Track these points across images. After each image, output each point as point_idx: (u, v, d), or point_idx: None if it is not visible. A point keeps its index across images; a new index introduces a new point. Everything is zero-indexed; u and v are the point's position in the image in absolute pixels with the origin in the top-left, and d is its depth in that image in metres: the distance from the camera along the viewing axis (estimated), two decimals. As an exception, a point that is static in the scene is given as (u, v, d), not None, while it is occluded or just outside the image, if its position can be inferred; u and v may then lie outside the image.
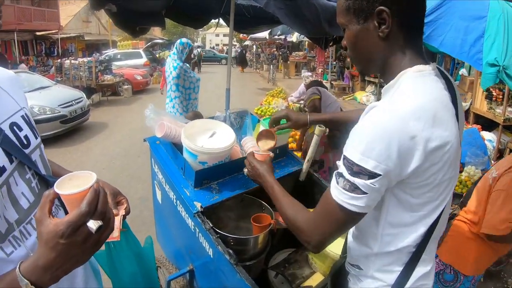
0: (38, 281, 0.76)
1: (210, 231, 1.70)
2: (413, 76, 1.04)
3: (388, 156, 0.93)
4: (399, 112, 0.95)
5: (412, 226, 1.11)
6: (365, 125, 0.98)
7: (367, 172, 0.95)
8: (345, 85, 15.06)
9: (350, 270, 1.35)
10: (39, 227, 0.75)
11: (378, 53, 1.10)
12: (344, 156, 1.00)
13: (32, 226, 0.99)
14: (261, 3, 2.31)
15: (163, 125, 2.03)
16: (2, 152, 0.90)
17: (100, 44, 25.41)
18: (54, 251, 0.74)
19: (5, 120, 0.96)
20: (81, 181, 0.79)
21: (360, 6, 1.06)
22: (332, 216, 1.06)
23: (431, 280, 1.24)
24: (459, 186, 4.95)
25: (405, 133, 0.92)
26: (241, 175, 2.11)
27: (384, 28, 1.04)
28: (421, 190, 1.04)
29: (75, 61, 12.33)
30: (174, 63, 4.27)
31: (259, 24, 4.70)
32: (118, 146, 7.66)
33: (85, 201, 0.74)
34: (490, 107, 6.43)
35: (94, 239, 0.77)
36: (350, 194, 0.98)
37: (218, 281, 1.82)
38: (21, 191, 0.97)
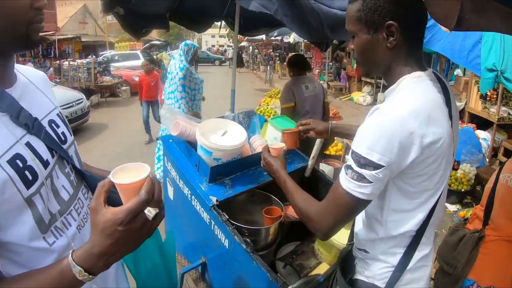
0: (91, 268, 0.79)
1: (226, 222, 1.82)
2: (411, 81, 1.19)
3: (390, 150, 1.08)
4: (399, 113, 1.10)
5: (412, 212, 1.26)
6: (370, 124, 1.13)
7: (373, 164, 1.09)
8: (342, 85, 15.20)
9: (357, 255, 1.48)
10: (94, 216, 0.78)
11: (384, 60, 1.25)
12: (352, 151, 1.14)
13: (72, 217, 1.04)
14: (271, 10, 2.42)
15: (178, 124, 2.14)
16: (45, 147, 0.96)
17: (97, 45, 25.40)
18: (111, 238, 0.77)
19: (44, 117, 1.02)
20: (133, 172, 0.83)
21: (372, 19, 1.18)
22: (341, 204, 1.19)
23: (430, 261, 1.40)
24: (455, 183, 5.10)
25: (404, 131, 1.08)
26: (251, 171, 2.23)
27: (392, 40, 1.18)
28: (417, 179, 1.19)
29: (74, 63, 12.37)
30: (180, 64, 4.37)
31: (261, 27, 4.81)
32: (118, 147, 7.74)
33: (144, 190, 0.78)
34: (485, 106, 6.58)
35: (149, 226, 0.81)
36: (357, 183, 1.13)
37: (231, 272, 1.93)
38: (61, 184, 1.02)
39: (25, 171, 0.86)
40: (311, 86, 4.17)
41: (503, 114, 6.21)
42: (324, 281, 1.81)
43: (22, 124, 0.90)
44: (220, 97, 12.75)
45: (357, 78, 14.16)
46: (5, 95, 0.88)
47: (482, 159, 5.63)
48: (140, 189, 0.79)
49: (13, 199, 0.83)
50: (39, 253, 0.92)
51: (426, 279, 1.40)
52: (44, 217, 0.92)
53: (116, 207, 0.77)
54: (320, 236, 1.32)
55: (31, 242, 0.89)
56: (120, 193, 0.81)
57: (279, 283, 1.58)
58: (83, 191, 1.14)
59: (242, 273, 1.85)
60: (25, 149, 0.88)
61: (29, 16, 0.87)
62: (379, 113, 1.15)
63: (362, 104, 12.56)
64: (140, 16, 3.58)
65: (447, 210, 5.00)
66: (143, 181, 0.80)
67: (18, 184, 0.84)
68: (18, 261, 0.88)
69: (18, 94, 0.94)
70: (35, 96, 1.04)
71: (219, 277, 2.12)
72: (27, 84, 1.03)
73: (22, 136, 0.89)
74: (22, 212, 0.86)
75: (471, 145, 5.63)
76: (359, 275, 1.47)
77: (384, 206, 1.29)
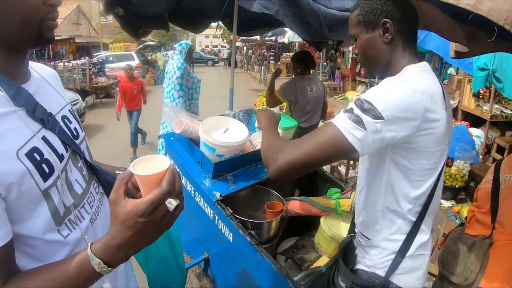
0: (110, 260, 0.80)
1: (230, 216, 1.87)
2: (417, 70, 1.29)
3: (394, 108, 1.13)
4: (409, 84, 1.18)
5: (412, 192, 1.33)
6: (381, 85, 1.22)
7: (374, 111, 1.12)
8: (336, 85, 15.28)
9: (360, 241, 1.55)
10: (114, 208, 0.78)
11: (383, 55, 1.38)
12: (358, 98, 1.19)
13: (85, 210, 1.06)
14: (272, 11, 2.48)
15: (181, 122, 2.19)
16: (59, 141, 0.98)
17: (91, 46, 25.29)
18: (132, 230, 0.77)
19: (57, 112, 1.04)
20: (152, 164, 0.83)
21: (369, 19, 1.35)
22: (325, 137, 1.18)
23: (428, 250, 1.47)
24: (449, 179, 5.19)
25: (412, 98, 1.15)
26: (252, 167, 2.29)
27: (387, 35, 1.33)
28: (414, 155, 1.26)
29: (68, 64, 12.32)
30: (178, 63, 4.41)
31: (258, 27, 4.85)
32: (115, 148, 7.73)
33: (166, 181, 0.78)
34: (478, 104, 6.68)
35: (169, 217, 0.81)
36: (354, 124, 1.13)
37: (235, 265, 1.99)
38: (75, 178, 1.03)
39: (42, 164, 0.88)
40: (315, 87, 4.14)
41: (496, 112, 6.30)
42: (325, 271, 1.86)
43: (38, 118, 0.92)
44: (216, 97, 12.79)
45: (351, 78, 14.26)
46: (21, 90, 0.90)
47: (475, 156, 5.72)
48: (161, 181, 0.79)
49: (31, 191, 0.85)
50: (54, 245, 0.93)
51: (424, 268, 1.47)
52: (59, 210, 0.94)
53: (137, 199, 0.78)
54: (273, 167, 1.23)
55: (46, 234, 0.90)
56: (140, 185, 0.82)
57: (283, 273, 1.64)
58: (94, 185, 1.16)
59: (246, 266, 1.90)
60: (41, 143, 0.90)
61: (42, 12, 0.87)
62: (391, 78, 1.25)
63: (356, 103, 12.62)
64: (139, 16, 3.62)
65: (442, 206, 5.08)
66: (164, 172, 0.80)
67: (35, 177, 0.86)
68: (32, 255, 0.90)
69: (33, 90, 0.96)
70: (48, 92, 1.06)
71: (222, 272, 2.17)
72: (40, 80, 1.05)
73: (38, 130, 0.91)
74: (39, 204, 0.88)
75: (464, 142, 5.72)
76: (360, 264, 1.53)
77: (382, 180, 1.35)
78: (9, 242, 0.80)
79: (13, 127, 0.85)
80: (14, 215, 0.83)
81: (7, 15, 0.83)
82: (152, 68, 19.42)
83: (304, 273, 2.01)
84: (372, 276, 1.46)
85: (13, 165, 0.81)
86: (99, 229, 1.11)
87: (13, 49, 0.91)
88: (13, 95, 0.87)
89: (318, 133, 1.21)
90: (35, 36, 0.89)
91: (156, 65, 19.56)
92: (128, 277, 1.31)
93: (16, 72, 0.93)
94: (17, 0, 0.84)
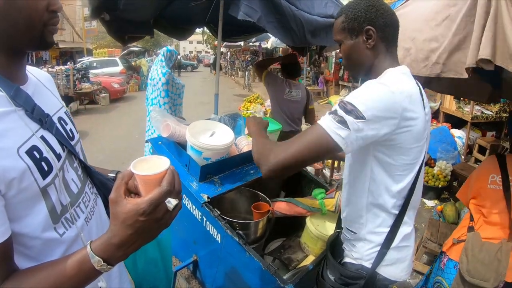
0: (110, 258, 0.82)
1: (218, 218, 1.91)
2: (397, 73, 1.39)
3: (375, 107, 1.23)
4: (389, 85, 1.27)
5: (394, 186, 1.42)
6: (363, 87, 1.31)
7: (356, 112, 1.22)
8: (320, 89, 15.40)
9: (346, 236, 1.62)
10: (114, 208, 0.80)
11: (366, 60, 1.48)
12: (341, 100, 1.29)
13: (81, 210, 1.09)
14: (254, 18, 2.51)
15: (168, 125, 2.22)
16: (57, 141, 1.01)
17: (74, 52, 25.07)
18: (132, 228, 0.78)
19: (54, 114, 1.07)
20: (151, 164, 0.84)
21: (353, 26, 1.45)
22: (313, 138, 1.26)
23: (412, 242, 1.57)
24: (432, 180, 5.30)
25: (391, 98, 1.25)
26: (239, 170, 2.33)
27: (370, 41, 1.43)
28: (395, 151, 1.35)
29: (52, 69, 12.14)
30: (162, 69, 4.40)
31: (242, 33, 4.90)
32: (101, 154, 7.67)
33: (166, 181, 0.80)
34: (459, 106, 6.85)
35: (168, 216, 0.83)
36: (338, 124, 1.22)
37: (223, 266, 2.02)
38: (71, 177, 1.06)
39: (41, 162, 0.91)
40: (295, 93, 4.17)
41: (477, 113, 6.48)
42: (313, 268, 1.91)
43: (36, 119, 0.95)
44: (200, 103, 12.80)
45: (334, 82, 14.39)
46: (20, 91, 0.93)
47: (457, 156, 5.86)
48: (161, 181, 0.80)
49: (30, 188, 0.87)
50: (50, 244, 0.95)
51: (409, 259, 1.56)
52: (56, 208, 0.96)
53: (137, 198, 0.80)
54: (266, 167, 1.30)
55: (43, 232, 0.92)
56: (140, 185, 0.82)
57: (271, 271, 1.68)
58: (88, 185, 1.19)
59: (234, 266, 1.93)
60: (40, 142, 0.93)
61: (45, 18, 0.91)
62: (372, 80, 1.33)
63: (340, 107, 12.78)
64: (125, 22, 3.63)
65: (426, 206, 5.19)
66: (164, 172, 0.81)
67: (35, 174, 0.88)
68: (29, 255, 0.91)
69: (31, 91, 0.99)
70: (44, 94, 1.09)
71: (211, 273, 2.19)
72: (37, 83, 1.08)
73: (37, 130, 0.94)
74: (37, 202, 0.90)
75: (446, 143, 5.86)
76: (347, 258, 1.61)
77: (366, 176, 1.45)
78: (7, 240, 0.82)
79: (13, 126, 0.88)
80: (12, 213, 0.85)
81: (13, 18, 0.87)
82: (136, 74, 19.31)
83: (292, 273, 2.06)
84: (359, 268, 1.53)
85: (14, 162, 0.84)
86: (93, 228, 1.14)
87: (15, 51, 0.94)
88: (13, 95, 0.90)
89: (306, 134, 1.30)
90: (37, 40, 0.93)
91: (140, 70, 19.45)
92: (122, 276, 1.33)
93: (15, 73, 0.96)
94: (23, 5, 0.87)
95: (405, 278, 1.57)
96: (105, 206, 1.28)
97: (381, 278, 1.51)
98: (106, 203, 1.28)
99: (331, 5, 3.05)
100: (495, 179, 2.38)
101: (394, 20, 1.46)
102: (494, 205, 2.34)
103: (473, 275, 2.20)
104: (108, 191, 1.27)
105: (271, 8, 2.64)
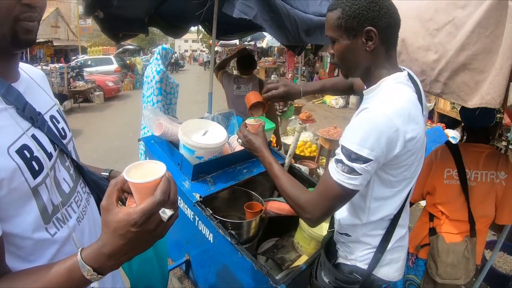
0: (101, 268, 0.78)
1: (210, 217, 1.89)
2: (392, 83, 1.31)
3: (378, 146, 1.19)
4: (385, 112, 1.20)
5: (391, 199, 1.40)
6: (360, 122, 1.23)
7: (363, 158, 1.20)
8: (315, 89, 15.38)
9: (339, 239, 1.60)
10: (106, 216, 0.76)
11: (364, 63, 1.35)
12: (343, 146, 1.24)
13: (72, 209, 1.06)
14: (250, 16, 2.50)
15: (161, 124, 2.20)
16: (48, 140, 0.99)
17: (69, 50, 24.91)
18: (123, 239, 0.75)
19: (46, 112, 1.05)
20: (146, 171, 0.80)
21: (351, 25, 1.27)
22: (333, 194, 1.28)
23: (406, 242, 1.57)
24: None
25: (391, 127, 1.19)
26: (231, 169, 2.31)
27: (371, 44, 1.27)
28: (399, 170, 1.32)
29: (46, 67, 12.04)
30: (157, 67, 4.37)
31: (237, 31, 4.90)
32: (94, 152, 7.62)
33: (160, 190, 0.75)
34: (453, 106, 6.86)
35: (163, 227, 0.79)
36: (348, 175, 1.23)
37: (216, 266, 2.00)
38: (63, 176, 1.03)
39: (32, 162, 0.88)
40: (243, 87, 4.30)
41: (471, 114, 6.43)
42: (306, 269, 1.90)
43: (28, 117, 0.92)
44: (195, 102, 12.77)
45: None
46: (12, 89, 0.91)
47: (451, 156, 5.85)
48: (156, 189, 0.76)
49: (21, 188, 0.85)
50: (41, 244, 0.93)
51: (403, 259, 1.56)
52: (47, 208, 0.93)
53: (130, 207, 0.75)
54: (310, 224, 1.41)
55: (34, 233, 0.90)
56: (134, 192, 0.78)
57: (264, 271, 1.66)
58: (81, 185, 1.17)
59: (227, 266, 1.92)
60: (31, 141, 0.90)
61: (16, 12, 0.83)
62: (368, 111, 1.23)
63: (334, 106, 12.83)
64: (119, 19, 3.61)
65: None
66: (158, 180, 0.76)
67: (25, 174, 0.86)
68: (20, 255, 0.89)
69: (22, 89, 0.96)
70: (37, 92, 1.07)
71: (204, 273, 2.18)
72: (29, 80, 1.05)
73: (27, 128, 0.92)
74: (28, 202, 0.88)
75: (440, 143, 5.83)
76: (341, 259, 1.60)
77: (367, 195, 1.41)
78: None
79: (4, 124, 0.85)
80: (3, 213, 0.83)
81: None
82: (131, 72, 19.22)
83: (285, 273, 2.04)
84: (354, 270, 1.53)
85: (4, 162, 0.82)
86: (86, 228, 1.12)
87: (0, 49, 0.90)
88: (4, 93, 0.87)
89: (326, 190, 1.30)
90: (9, 37, 0.85)
91: (135, 69, 19.37)
92: (115, 277, 1.31)
93: (5, 71, 0.93)
94: None
95: (398, 278, 1.56)
96: (98, 206, 1.26)
97: (375, 279, 1.51)
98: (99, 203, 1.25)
99: (326, 4, 3.04)
100: (451, 174, 2.32)
101: (397, 19, 1.31)
102: (452, 201, 2.31)
103: (444, 278, 2.23)
104: (101, 190, 1.26)
105: (265, 6, 2.62)
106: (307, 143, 5.22)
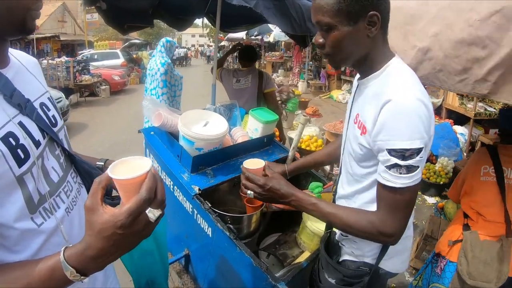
0: (84, 269, 0.76)
1: (209, 210, 1.83)
2: (398, 66, 1.27)
3: (423, 129, 1.14)
4: (413, 95, 1.15)
5: None
6: (396, 118, 1.15)
7: (416, 150, 1.14)
8: (322, 84, 15.32)
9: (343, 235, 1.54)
10: (90, 216, 0.73)
11: (362, 49, 1.27)
12: (392, 150, 1.16)
13: (61, 199, 1.04)
14: (251, 4, 2.41)
15: (160, 115, 2.14)
16: (36, 127, 0.96)
17: (76, 44, 24.98)
18: (108, 241, 0.72)
19: (36, 99, 1.03)
20: (131, 166, 0.76)
21: (354, 9, 1.16)
22: (404, 202, 1.22)
23: (411, 232, 1.54)
24: (434, 176, 5.22)
25: (423, 107, 1.14)
26: (232, 161, 2.25)
27: (373, 29, 1.20)
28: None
29: (52, 61, 12.10)
30: (162, 59, 4.32)
31: (242, 23, 4.82)
32: (100, 146, 7.63)
33: (145, 187, 0.73)
34: (462, 102, 6.74)
35: (150, 227, 0.77)
36: (409, 175, 1.16)
37: (215, 261, 1.94)
38: (51, 165, 1.02)
39: (17, 149, 0.86)
40: (243, 80, 4.23)
41: (480, 110, 6.36)
42: (306, 266, 1.84)
43: (15, 104, 0.90)
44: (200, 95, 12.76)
45: (336, 77, 14.31)
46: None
47: (459, 152, 5.77)
48: (141, 186, 0.73)
49: (5, 176, 0.83)
50: (27, 234, 0.90)
51: (408, 250, 1.53)
52: (33, 197, 0.91)
53: (115, 208, 0.73)
54: (393, 241, 1.28)
55: (19, 222, 0.87)
56: (119, 190, 0.75)
57: (263, 268, 1.60)
58: (72, 174, 1.14)
59: (226, 262, 1.86)
60: (17, 128, 0.88)
61: (27, 3, 0.88)
62: (395, 103, 1.15)
63: (341, 101, 12.71)
64: (123, 11, 3.56)
65: (427, 203, 5.11)
66: (143, 176, 0.73)
67: (10, 162, 0.83)
68: (5, 245, 0.86)
69: (11, 75, 0.95)
70: (27, 78, 1.05)
71: (203, 268, 2.13)
72: (19, 66, 1.03)
73: (14, 115, 0.89)
74: (13, 191, 0.85)
75: (448, 140, 5.77)
76: (346, 255, 1.54)
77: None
78: None
79: None
80: None
81: None
82: (137, 67, 19.25)
83: (287, 269, 1.98)
84: (361, 265, 1.48)
85: None
86: (75, 219, 1.08)
87: None
88: None
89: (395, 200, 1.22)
90: (18, 25, 0.89)
91: (141, 63, 19.39)
92: (107, 272, 1.29)
93: None
94: None
95: (404, 269, 1.54)
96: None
97: (382, 272, 1.48)
98: None
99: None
100: (487, 171, 2.28)
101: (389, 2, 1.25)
102: (488, 199, 2.26)
103: (475, 277, 2.11)
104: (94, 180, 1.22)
105: (268, -7, 2.52)
106: (313, 138, 5.16)
